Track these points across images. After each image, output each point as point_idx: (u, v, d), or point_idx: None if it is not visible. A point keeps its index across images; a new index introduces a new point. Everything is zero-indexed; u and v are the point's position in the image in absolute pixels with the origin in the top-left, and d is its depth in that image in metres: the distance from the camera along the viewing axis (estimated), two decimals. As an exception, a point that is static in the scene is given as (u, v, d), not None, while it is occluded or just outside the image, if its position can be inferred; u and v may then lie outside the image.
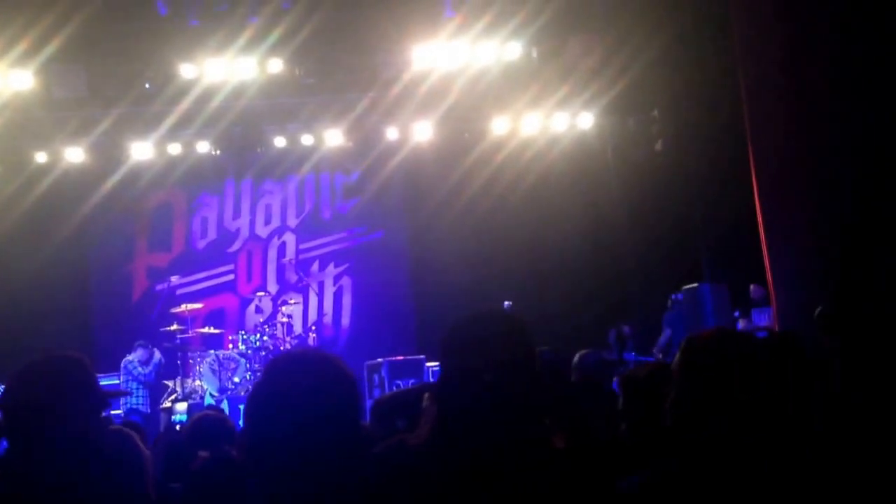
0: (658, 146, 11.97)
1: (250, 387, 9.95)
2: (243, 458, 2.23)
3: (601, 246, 12.10)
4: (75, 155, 11.68)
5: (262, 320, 11.78)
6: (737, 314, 9.61)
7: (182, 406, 10.11)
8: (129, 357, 10.67)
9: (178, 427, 8.75)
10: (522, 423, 1.95)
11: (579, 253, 12.10)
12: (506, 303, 11.01)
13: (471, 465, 1.90)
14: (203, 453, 3.07)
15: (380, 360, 10.96)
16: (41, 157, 11.71)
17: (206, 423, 3.81)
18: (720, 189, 9.83)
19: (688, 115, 10.73)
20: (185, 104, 10.82)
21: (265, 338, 11.28)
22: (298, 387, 1.86)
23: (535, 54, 10.82)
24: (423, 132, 12.13)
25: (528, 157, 12.23)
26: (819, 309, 3.94)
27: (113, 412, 9.18)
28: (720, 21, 8.30)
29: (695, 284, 9.89)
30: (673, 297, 10.18)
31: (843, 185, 6.66)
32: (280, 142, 12.21)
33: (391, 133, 12.19)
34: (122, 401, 10.22)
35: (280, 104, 11.67)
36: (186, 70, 10.13)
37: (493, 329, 2.01)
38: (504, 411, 1.93)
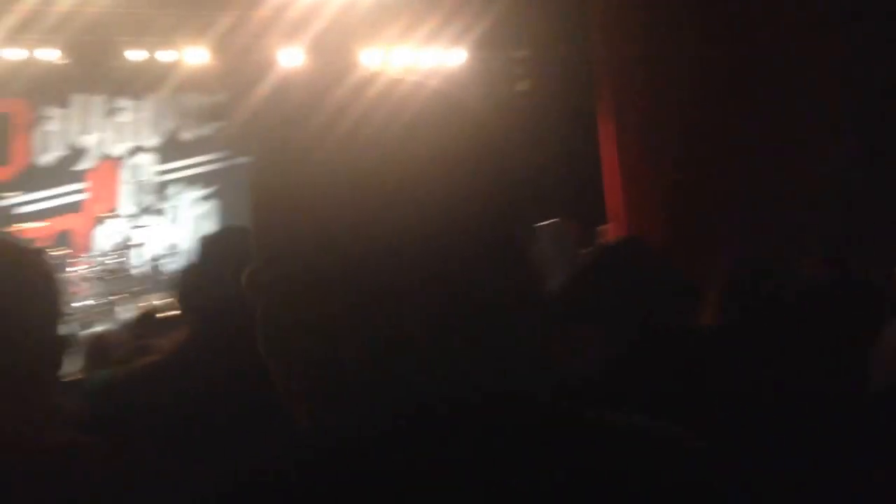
0: (522, 86, 11.94)
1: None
2: None
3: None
4: None
5: (113, 243, 11.18)
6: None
7: None
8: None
9: None
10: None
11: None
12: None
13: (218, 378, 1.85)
14: None
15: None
16: None
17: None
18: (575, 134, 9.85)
19: (552, 55, 10.69)
20: (27, 4, 9.93)
21: (119, 260, 10.75)
22: None
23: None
24: (293, 57, 11.64)
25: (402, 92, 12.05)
26: None
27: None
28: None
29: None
30: None
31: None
32: (137, 55, 11.38)
33: (260, 55, 11.60)
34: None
35: (139, 15, 10.87)
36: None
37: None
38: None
